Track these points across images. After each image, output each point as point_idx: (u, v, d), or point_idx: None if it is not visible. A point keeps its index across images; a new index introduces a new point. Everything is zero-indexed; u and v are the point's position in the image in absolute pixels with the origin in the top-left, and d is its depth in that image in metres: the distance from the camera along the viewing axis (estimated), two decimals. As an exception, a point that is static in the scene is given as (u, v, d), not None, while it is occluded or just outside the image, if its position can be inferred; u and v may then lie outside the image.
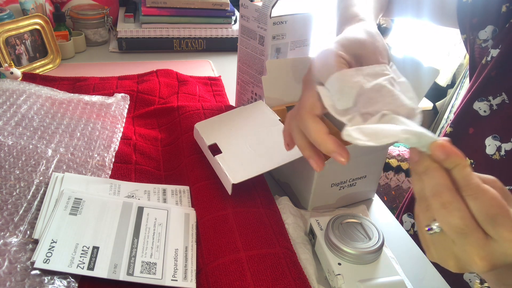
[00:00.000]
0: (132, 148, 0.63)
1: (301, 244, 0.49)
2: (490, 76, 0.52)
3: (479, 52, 0.56)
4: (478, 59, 0.56)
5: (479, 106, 0.54)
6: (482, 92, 0.54)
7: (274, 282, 0.42)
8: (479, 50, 0.56)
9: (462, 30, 0.58)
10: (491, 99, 0.52)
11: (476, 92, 0.54)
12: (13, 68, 0.78)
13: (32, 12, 0.94)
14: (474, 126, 0.54)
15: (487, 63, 0.53)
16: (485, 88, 0.53)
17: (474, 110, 0.54)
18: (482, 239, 0.28)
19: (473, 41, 0.56)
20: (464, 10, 0.56)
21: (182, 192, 0.55)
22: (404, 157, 1.27)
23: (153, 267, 0.43)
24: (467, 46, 0.58)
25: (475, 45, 0.56)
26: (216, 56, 1.07)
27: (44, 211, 0.46)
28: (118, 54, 1.04)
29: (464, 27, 0.57)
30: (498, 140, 0.51)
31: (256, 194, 0.54)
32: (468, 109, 0.55)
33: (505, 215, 0.27)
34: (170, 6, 1.04)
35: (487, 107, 0.53)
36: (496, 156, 0.51)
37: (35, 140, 0.58)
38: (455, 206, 0.28)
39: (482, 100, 0.53)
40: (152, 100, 0.78)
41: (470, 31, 0.56)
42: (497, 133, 0.51)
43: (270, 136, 0.55)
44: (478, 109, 0.54)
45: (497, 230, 0.27)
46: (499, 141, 0.51)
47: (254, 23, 0.65)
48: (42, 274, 0.40)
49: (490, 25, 0.53)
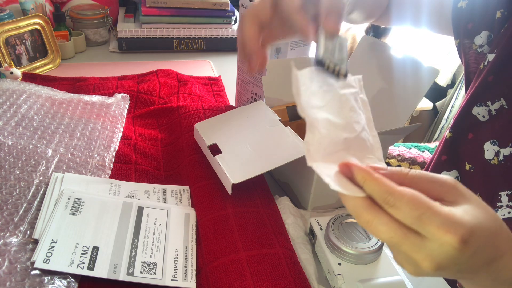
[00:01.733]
0: (132, 148, 0.63)
1: (301, 244, 0.49)
2: (487, 81, 0.52)
3: (475, 57, 0.56)
4: (473, 64, 0.57)
5: (478, 111, 0.54)
6: (480, 97, 0.54)
7: (274, 282, 0.42)
8: (475, 56, 0.56)
9: (456, 35, 0.58)
10: (489, 104, 0.52)
11: (475, 97, 0.54)
12: (13, 68, 0.78)
13: (32, 12, 0.94)
14: (473, 131, 0.54)
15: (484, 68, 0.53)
16: (484, 93, 0.53)
17: (473, 116, 0.54)
18: (416, 243, 0.28)
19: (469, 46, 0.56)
20: (459, 16, 0.56)
21: (182, 192, 0.55)
22: (404, 157, 1.27)
23: (153, 267, 0.43)
24: (460, 51, 0.58)
25: (470, 50, 0.56)
26: (216, 56, 1.07)
27: (44, 211, 0.46)
28: (118, 54, 1.04)
29: (458, 33, 0.57)
30: (497, 145, 0.51)
31: (256, 194, 0.54)
32: (467, 114, 0.55)
33: (429, 212, 0.27)
34: (170, 6, 1.04)
35: (486, 112, 0.53)
36: (495, 161, 0.51)
37: (35, 140, 0.58)
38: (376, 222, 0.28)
39: (481, 105, 0.53)
40: (152, 100, 0.78)
41: (465, 37, 0.56)
42: (495, 138, 0.51)
43: (270, 136, 0.55)
44: (477, 114, 0.54)
45: (426, 229, 0.27)
46: (498, 146, 0.51)
47: (254, 23, 0.65)
48: (42, 274, 0.40)
49: (485, 30, 0.54)
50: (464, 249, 0.27)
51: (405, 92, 0.57)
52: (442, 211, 0.27)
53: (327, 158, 0.33)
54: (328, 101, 0.36)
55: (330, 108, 0.35)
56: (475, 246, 0.27)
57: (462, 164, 0.55)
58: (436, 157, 0.60)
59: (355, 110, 0.36)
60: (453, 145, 0.58)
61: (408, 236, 0.28)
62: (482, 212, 0.28)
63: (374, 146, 0.36)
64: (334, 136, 0.34)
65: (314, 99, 0.35)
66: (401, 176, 0.30)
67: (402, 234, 0.28)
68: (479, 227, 0.27)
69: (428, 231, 0.27)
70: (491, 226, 0.28)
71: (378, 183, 0.29)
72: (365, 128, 0.37)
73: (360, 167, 0.30)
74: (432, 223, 0.27)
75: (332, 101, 0.36)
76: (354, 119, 0.36)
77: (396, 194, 0.28)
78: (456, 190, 0.29)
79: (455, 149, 0.57)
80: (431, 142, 1.58)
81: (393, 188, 0.28)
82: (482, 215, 0.28)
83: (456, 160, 0.57)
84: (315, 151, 0.33)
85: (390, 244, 0.29)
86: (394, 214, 0.28)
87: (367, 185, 0.29)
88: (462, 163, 0.55)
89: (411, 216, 0.27)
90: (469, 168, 0.54)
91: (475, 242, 0.27)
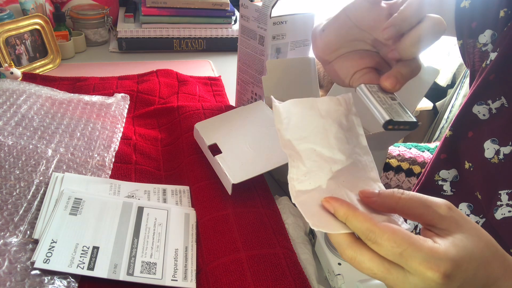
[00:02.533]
0: (132, 148, 0.63)
1: (301, 244, 0.49)
2: (488, 80, 0.52)
3: (480, 55, 0.56)
4: (478, 63, 0.56)
5: (478, 110, 0.54)
6: (481, 96, 0.54)
7: (274, 282, 0.42)
8: (479, 54, 0.56)
9: (459, 35, 0.58)
10: (490, 103, 0.52)
11: (475, 96, 0.54)
12: (13, 68, 0.78)
13: (32, 12, 0.94)
14: (473, 130, 0.54)
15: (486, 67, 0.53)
16: (484, 91, 0.53)
17: (474, 114, 0.54)
18: (400, 278, 0.28)
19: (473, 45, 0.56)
20: (462, 15, 0.56)
21: (182, 192, 0.55)
22: (405, 157, 1.27)
23: (153, 267, 0.43)
24: (464, 52, 0.58)
25: (475, 49, 0.56)
26: (216, 56, 1.07)
27: (44, 211, 0.46)
28: (118, 54, 1.04)
29: (462, 32, 0.57)
30: (497, 143, 0.51)
31: (256, 194, 0.54)
32: (467, 112, 0.55)
33: (410, 249, 0.27)
34: (170, 6, 1.04)
35: (486, 111, 0.53)
36: (495, 160, 0.51)
37: (35, 140, 0.58)
38: (359, 260, 0.29)
39: (481, 104, 0.53)
40: (152, 100, 0.78)
41: (469, 36, 0.56)
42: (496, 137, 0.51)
43: (270, 136, 0.55)
44: (477, 113, 0.54)
45: (409, 265, 0.27)
46: (498, 144, 0.51)
47: (254, 23, 0.65)
48: (42, 274, 0.40)
49: (488, 29, 0.54)
50: (449, 282, 0.27)
51: (405, 92, 0.57)
52: (424, 247, 0.27)
53: (313, 192, 0.32)
54: (312, 130, 0.35)
55: (314, 137, 0.34)
56: (462, 278, 0.27)
57: (462, 162, 0.55)
58: (436, 156, 0.60)
59: (340, 136, 0.35)
60: (452, 144, 0.57)
61: (391, 272, 0.28)
62: (474, 240, 0.28)
63: (368, 166, 0.35)
64: (320, 168, 0.33)
65: (297, 131, 0.34)
66: (393, 200, 0.30)
67: (385, 270, 0.28)
68: (468, 258, 0.27)
69: (410, 267, 0.27)
70: (483, 254, 0.28)
71: (359, 220, 0.29)
72: (355, 150, 0.36)
73: (342, 203, 0.30)
74: (414, 260, 0.27)
75: (316, 129, 0.35)
76: (339, 147, 0.34)
77: (377, 232, 0.28)
78: (450, 217, 0.29)
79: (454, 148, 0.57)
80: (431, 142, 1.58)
81: (374, 226, 0.28)
82: (472, 244, 0.28)
83: (456, 158, 0.57)
84: (300, 186, 0.33)
85: (374, 277, 0.29)
86: (377, 250, 0.28)
87: (349, 222, 0.30)
88: (462, 162, 0.55)
89: (393, 253, 0.27)
90: (468, 167, 0.54)
91: (461, 274, 0.27)
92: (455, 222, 0.29)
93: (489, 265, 0.29)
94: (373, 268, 0.28)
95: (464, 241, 0.28)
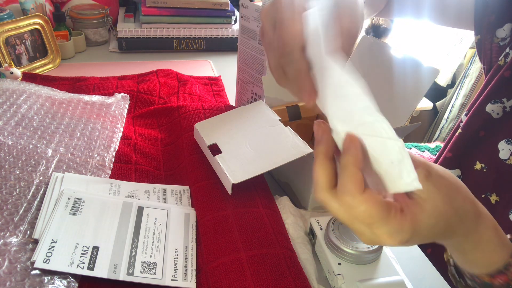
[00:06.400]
0: (132, 148, 0.63)
1: (301, 244, 0.49)
2: (504, 77, 0.51)
3: (497, 51, 0.54)
4: (496, 58, 0.55)
5: (492, 109, 0.52)
6: (496, 94, 0.52)
7: (274, 282, 0.42)
8: (497, 49, 0.54)
9: (478, 30, 0.56)
10: (505, 101, 0.51)
11: (490, 94, 0.53)
12: (13, 68, 0.78)
13: (32, 12, 0.94)
14: (485, 129, 0.53)
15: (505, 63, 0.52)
16: (499, 89, 0.52)
17: (487, 113, 0.53)
18: (361, 230, 0.30)
19: (490, 41, 0.55)
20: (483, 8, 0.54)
21: (182, 192, 0.55)
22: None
23: (153, 267, 0.43)
24: (481, 48, 0.56)
25: (492, 44, 0.55)
26: (216, 56, 1.07)
27: (44, 211, 0.46)
28: (118, 54, 1.04)
29: (481, 27, 0.55)
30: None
31: (256, 194, 0.54)
32: (480, 111, 0.54)
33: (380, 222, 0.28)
34: (170, 6, 1.04)
35: (500, 110, 0.51)
36: (510, 161, 0.50)
37: (35, 140, 0.58)
38: (329, 205, 0.30)
39: (496, 102, 0.52)
40: (152, 100, 0.78)
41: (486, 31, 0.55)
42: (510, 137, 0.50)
43: (270, 136, 0.55)
44: (491, 112, 0.52)
45: (373, 232, 0.29)
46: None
47: (254, 23, 0.65)
48: (42, 274, 0.40)
49: (508, 23, 0.52)
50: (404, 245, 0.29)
51: (405, 92, 0.57)
52: (392, 222, 0.28)
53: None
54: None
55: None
56: (417, 241, 0.30)
57: (471, 162, 0.54)
58: (440, 153, 0.60)
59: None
60: (461, 143, 0.56)
61: (355, 224, 0.30)
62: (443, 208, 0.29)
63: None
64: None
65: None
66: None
67: (350, 222, 0.30)
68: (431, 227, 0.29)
69: (374, 233, 0.29)
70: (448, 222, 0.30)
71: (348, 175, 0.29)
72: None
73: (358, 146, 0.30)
74: (379, 230, 0.29)
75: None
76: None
77: (357, 199, 0.28)
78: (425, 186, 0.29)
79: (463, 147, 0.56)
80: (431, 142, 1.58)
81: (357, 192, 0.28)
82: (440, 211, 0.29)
83: (463, 158, 0.56)
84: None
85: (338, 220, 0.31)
86: (348, 211, 0.29)
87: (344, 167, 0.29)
88: (471, 162, 0.54)
89: (363, 221, 0.29)
90: (481, 168, 0.53)
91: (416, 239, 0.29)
92: (427, 190, 0.29)
93: (451, 229, 0.30)
94: (339, 216, 0.30)
95: (432, 210, 0.29)
